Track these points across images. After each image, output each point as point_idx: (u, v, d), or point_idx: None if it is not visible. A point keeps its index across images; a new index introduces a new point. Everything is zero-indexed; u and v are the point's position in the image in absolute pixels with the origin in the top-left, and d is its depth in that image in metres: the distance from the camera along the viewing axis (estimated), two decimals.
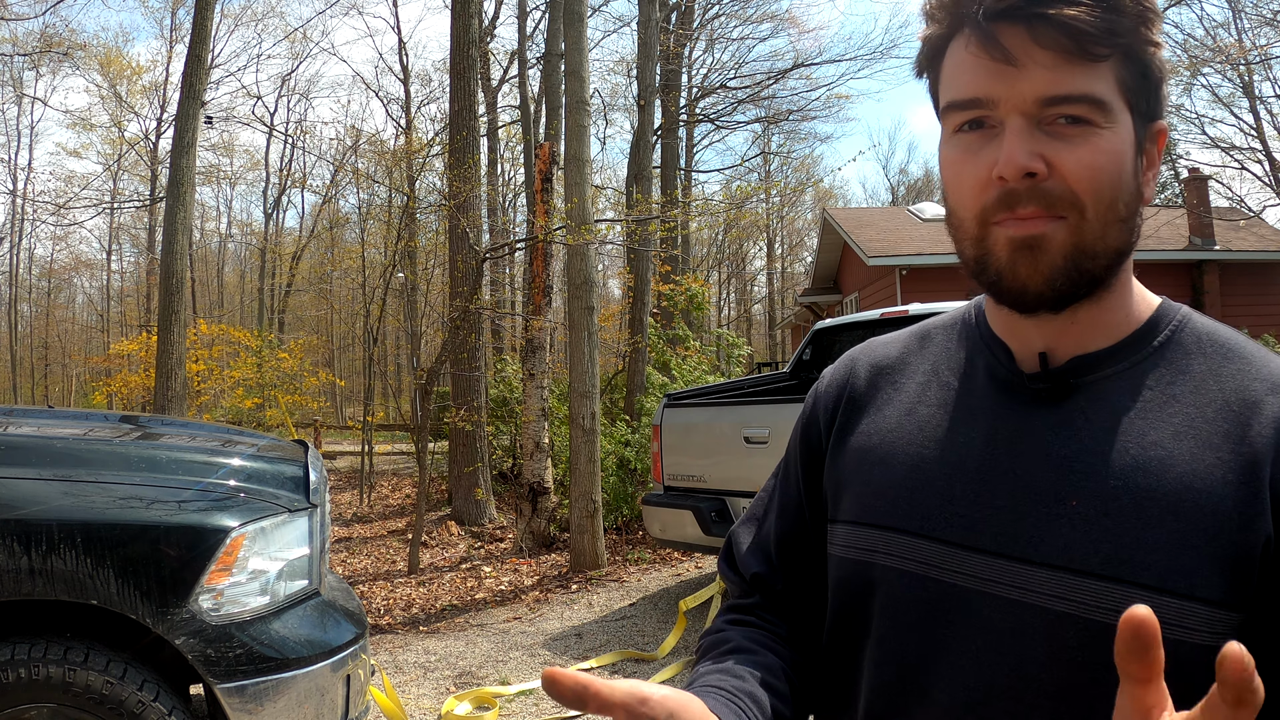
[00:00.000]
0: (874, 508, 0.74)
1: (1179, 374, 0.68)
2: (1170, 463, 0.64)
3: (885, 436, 0.76)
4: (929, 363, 0.79)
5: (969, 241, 0.68)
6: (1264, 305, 15.29)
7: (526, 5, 17.71)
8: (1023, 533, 0.65)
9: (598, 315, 6.96)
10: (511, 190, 23.08)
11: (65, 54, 14.78)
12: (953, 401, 0.74)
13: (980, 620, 0.66)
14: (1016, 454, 0.68)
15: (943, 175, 0.71)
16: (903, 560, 0.70)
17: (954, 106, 0.67)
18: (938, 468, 0.71)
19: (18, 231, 27.57)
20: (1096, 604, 0.62)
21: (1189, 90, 16.14)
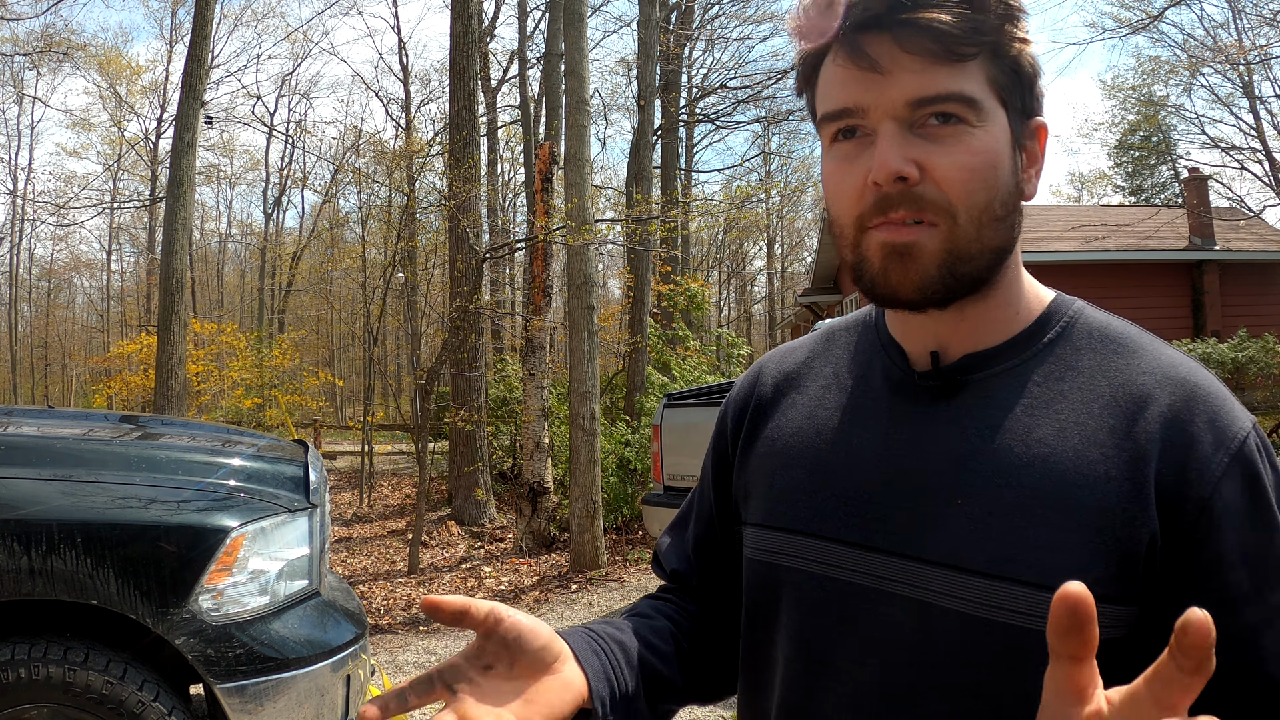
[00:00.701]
0: (778, 511, 0.76)
1: (1068, 370, 0.69)
2: (1054, 460, 0.64)
3: (788, 441, 0.78)
4: (831, 366, 0.80)
5: (848, 247, 0.69)
6: (1264, 305, 15.29)
7: (526, 5, 17.72)
8: (916, 532, 0.67)
9: (598, 315, 6.96)
10: (511, 190, 23.09)
11: (65, 54, 14.79)
12: (851, 404, 0.75)
13: (880, 618, 0.67)
14: (909, 454, 0.69)
15: (823, 186, 0.71)
16: (806, 562, 0.72)
17: (827, 118, 0.68)
18: (836, 469, 0.73)
19: (18, 231, 27.59)
20: (983, 602, 0.63)
21: (1189, 90, 16.16)
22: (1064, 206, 22.64)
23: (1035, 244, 15.39)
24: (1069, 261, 14.85)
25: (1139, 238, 15.55)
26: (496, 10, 18.19)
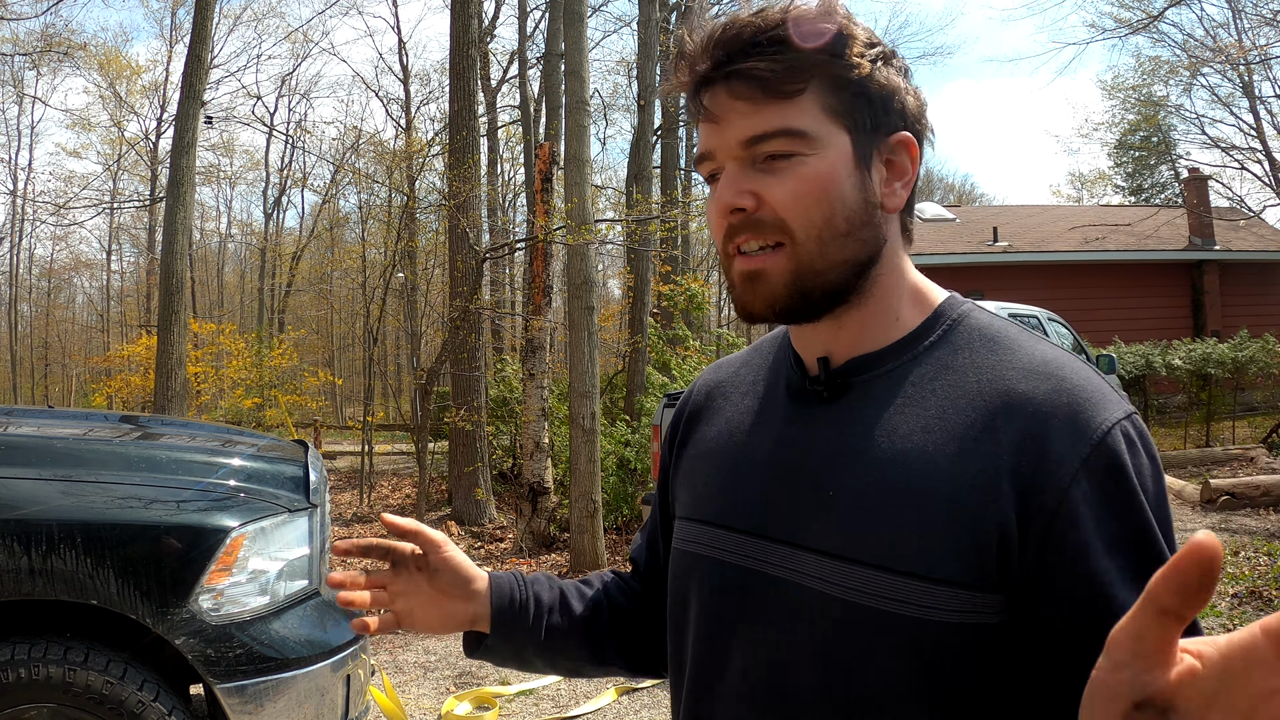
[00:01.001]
0: (697, 505, 0.84)
1: (943, 370, 0.73)
2: (913, 455, 0.69)
3: (710, 444, 0.87)
4: (753, 376, 0.88)
5: (725, 272, 0.78)
6: (1264, 305, 15.29)
7: (526, 5, 17.72)
8: (795, 521, 0.74)
9: (598, 315, 6.96)
10: (511, 190, 23.09)
11: (65, 54, 14.81)
12: (760, 408, 0.84)
13: (767, 599, 0.74)
14: (796, 451, 0.76)
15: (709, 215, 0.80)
16: (710, 549, 0.80)
17: (697, 162, 0.78)
18: (740, 467, 0.81)
19: (18, 231, 27.58)
20: (848, 585, 0.69)
21: (1189, 90, 16.16)
22: (1064, 206, 22.65)
23: (1035, 244, 15.40)
24: (1069, 261, 14.85)
25: (1139, 238, 15.55)
26: (496, 10, 18.20)
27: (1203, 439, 10.93)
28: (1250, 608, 4.34)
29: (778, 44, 0.70)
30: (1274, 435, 9.91)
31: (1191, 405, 11.22)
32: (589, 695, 3.93)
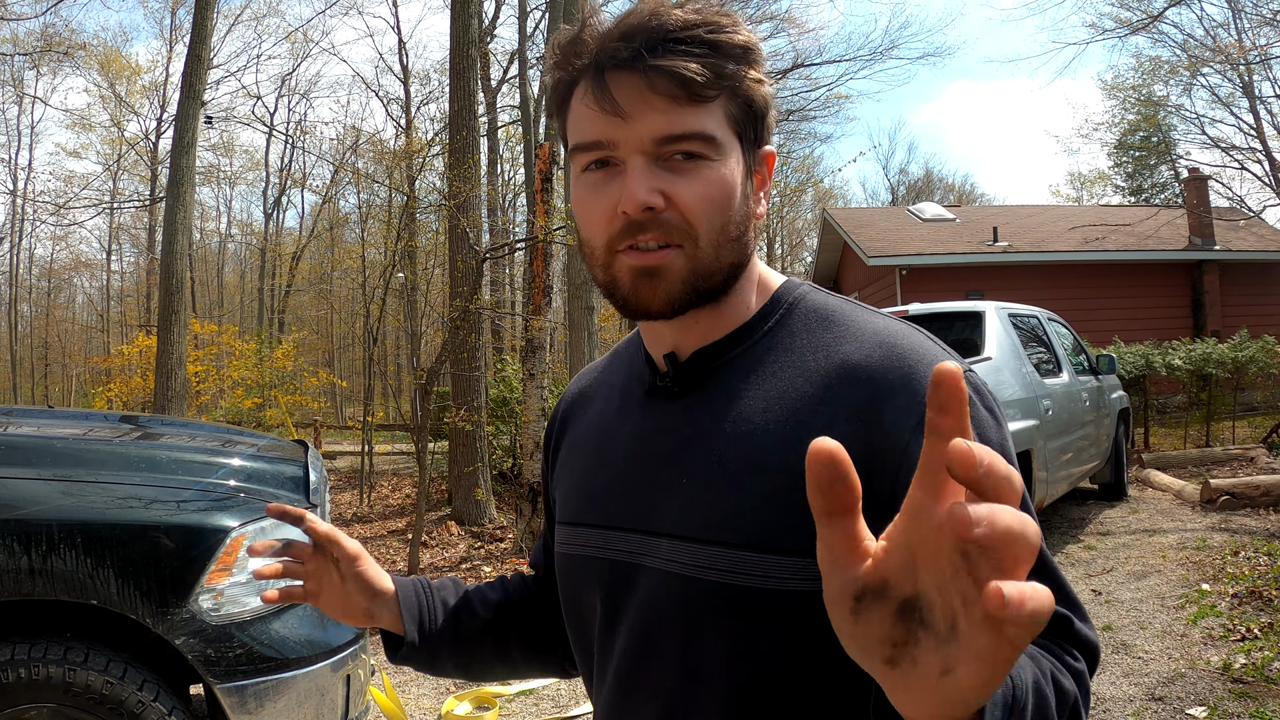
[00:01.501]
0: (568, 508, 0.87)
1: (785, 352, 0.76)
2: (758, 434, 0.72)
3: (576, 449, 0.90)
4: (614, 378, 0.90)
5: (599, 268, 0.75)
6: (1264, 305, 15.28)
7: (526, 5, 17.71)
8: (651, 510, 0.76)
9: (598, 315, 6.97)
10: (511, 190, 23.09)
11: (65, 54, 14.80)
12: (620, 408, 0.85)
13: (635, 585, 0.77)
14: (650, 444, 0.79)
15: (574, 210, 0.77)
16: (582, 547, 0.83)
17: (580, 149, 0.73)
18: (600, 466, 0.84)
19: (18, 231, 27.58)
20: (701, 564, 0.71)
21: (1189, 90, 16.15)
22: (1064, 206, 22.65)
23: (1035, 244, 15.39)
24: (1069, 261, 14.85)
25: (1139, 238, 15.54)
26: (496, 10, 18.20)
27: (1203, 439, 10.93)
28: (1250, 607, 4.34)
29: (703, 46, 0.69)
30: (1274, 435, 9.91)
31: (1191, 405, 11.22)
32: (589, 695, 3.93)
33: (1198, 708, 3.25)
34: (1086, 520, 6.93)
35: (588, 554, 0.82)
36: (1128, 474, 8.14)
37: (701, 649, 0.72)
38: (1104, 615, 4.47)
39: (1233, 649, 3.81)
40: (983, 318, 5.65)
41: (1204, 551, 5.59)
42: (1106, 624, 4.31)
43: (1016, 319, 6.01)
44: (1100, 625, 4.31)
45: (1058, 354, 6.35)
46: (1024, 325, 6.11)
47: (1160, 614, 4.42)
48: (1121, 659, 3.83)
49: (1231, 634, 4.00)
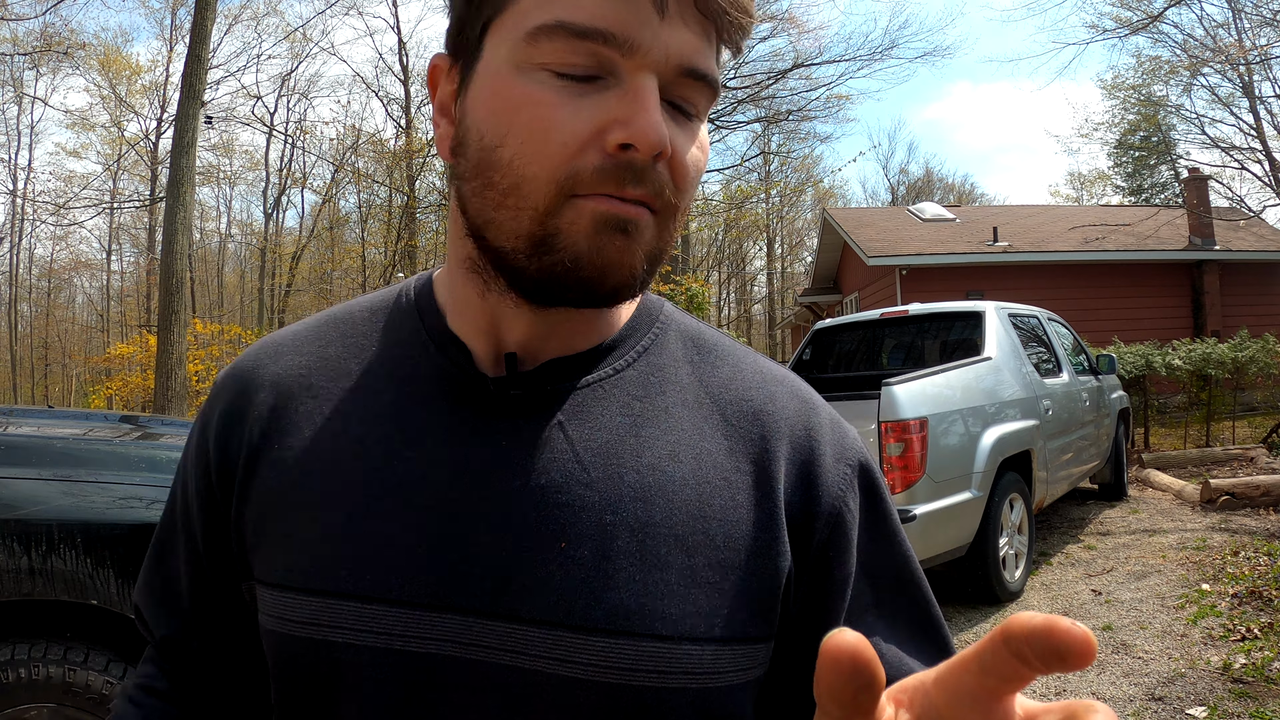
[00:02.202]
0: (307, 568, 0.55)
1: (668, 383, 0.59)
2: (672, 489, 0.55)
3: (309, 469, 0.57)
4: (356, 364, 0.60)
5: (530, 212, 0.51)
6: (1264, 305, 15.29)
7: None
8: (506, 584, 0.53)
9: None
10: None
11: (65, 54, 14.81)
12: (397, 415, 0.57)
13: (470, 693, 0.52)
14: (490, 484, 0.54)
15: (504, 113, 0.51)
16: (359, 634, 0.53)
17: (568, 30, 0.49)
18: (386, 508, 0.55)
19: (18, 231, 27.59)
20: (608, 664, 0.51)
21: (1189, 90, 16.15)
22: (1064, 206, 22.66)
23: (1035, 244, 15.40)
24: (1069, 261, 14.86)
25: (1139, 238, 15.55)
26: None
27: (1203, 439, 10.94)
28: (1250, 607, 4.34)
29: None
30: (1274, 435, 9.91)
31: (1191, 405, 11.22)
32: None
33: (1198, 708, 3.25)
34: (1086, 520, 6.93)
35: (361, 642, 0.53)
36: (1128, 474, 8.14)
37: None
38: (1104, 615, 4.47)
39: (1233, 649, 3.82)
40: (983, 318, 5.65)
41: (1204, 551, 5.59)
42: (1106, 624, 4.32)
43: (1016, 319, 6.01)
44: (1100, 625, 4.31)
45: (1058, 354, 6.35)
46: (1024, 325, 6.11)
47: (1160, 614, 4.42)
48: (1121, 659, 3.83)
49: (1231, 634, 4.00)
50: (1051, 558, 5.76)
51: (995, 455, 4.63)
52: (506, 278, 0.54)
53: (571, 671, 0.51)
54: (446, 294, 0.61)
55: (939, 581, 5.26)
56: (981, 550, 4.60)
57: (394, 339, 0.61)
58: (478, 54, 0.53)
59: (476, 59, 0.53)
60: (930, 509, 4.15)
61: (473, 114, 0.53)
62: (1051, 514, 7.21)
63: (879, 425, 4.17)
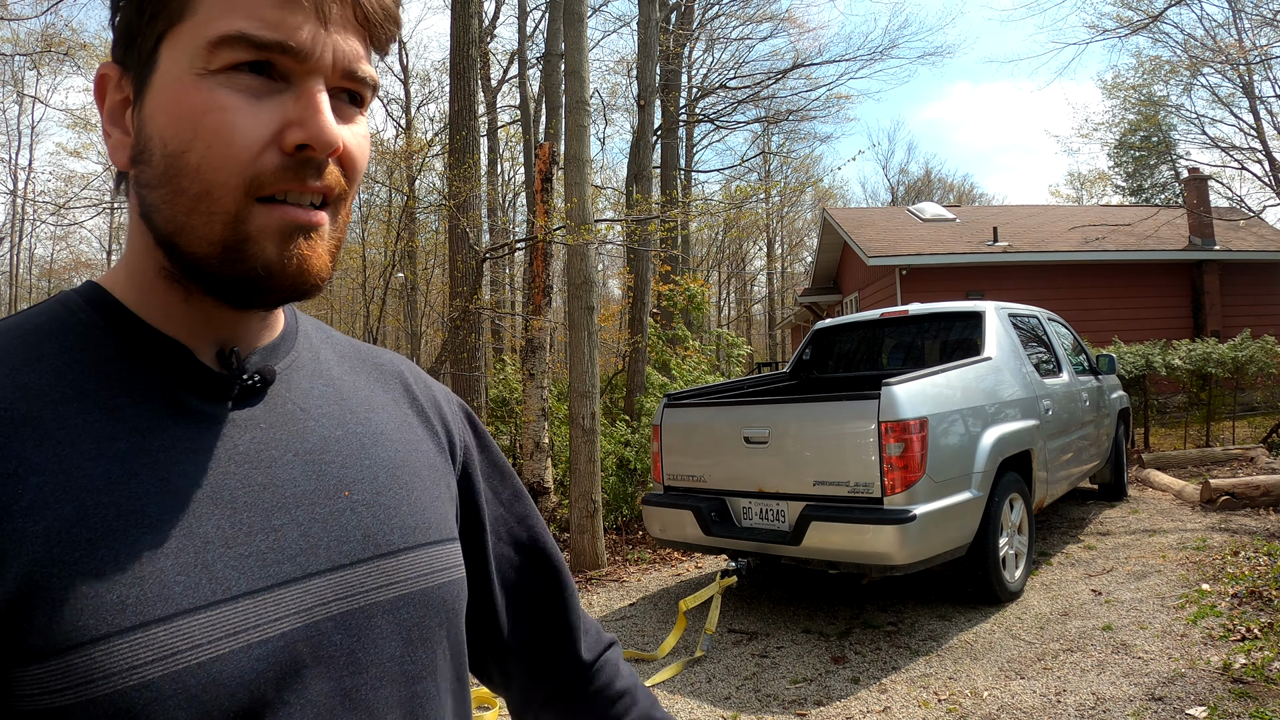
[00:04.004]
0: (151, 597, 0.51)
1: (333, 355, 0.73)
2: (388, 434, 0.69)
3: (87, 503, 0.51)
4: (66, 388, 0.55)
5: (222, 216, 0.54)
6: (1264, 305, 15.29)
7: (526, 5, 17.72)
8: (321, 542, 0.59)
9: (598, 315, 6.96)
10: (511, 190, 23.09)
11: (66, 54, 14.81)
12: (148, 429, 0.56)
13: (372, 631, 0.60)
14: (262, 463, 0.59)
15: (188, 119, 0.53)
16: (204, 647, 0.51)
17: (248, 41, 0.53)
18: (188, 515, 0.54)
19: (18, 231, 27.59)
20: (417, 574, 0.64)
21: (1189, 90, 16.14)
22: (1064, 206, 22.65)
23: (1035, 244, 15.40)
24: (1069, 261, 14.85)
25: (1139, 238, 15.55)
26: (496, 10, 18.19)
27: (1203, 439, 10.93)
28: (1250, 607, 4.34)
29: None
30: (1274, 435, 9.91)
31: (1191, 405, 11.22)
32: None
33: (1198, 708, 3.25)
34: (1086, 520, 6.93)
35: (220, 654, 0.52)
36: (1128, 474, 8.14)
37: (435, 662, 0.65)
38: (1104, 615, 4.47)
39: (1233, 649, 3.81)
40: (983, 318, 5.65)
41: (1204, 551, 5.59)
42: (1106, 624, 4.32)
43: (1016, 319, 6.01)
44: (1100, 625, 4.32)
45: (1058, 354, 6.35)
46: (1024, 325, 6.11)
47: (1160, 614, 4.42)
48: (1121, 659, 3.83)
49: (1231, 634, 4.00)
50: (1051, 558, 5.76)
51: (995, 455, 4.63)
52: (204, 285, 0.58)
53: (397, 590, 0.62)
54: (141, 300, 0.60)
55: (939, 581, 5.27)
56: (981, 550, 4.60)
57: (99, 355, 0.57)
58: (153, 63, 0.56)
59: (152, 68, 0.56)
60: (930, 509, 4.15)
61: (154, 122, 0.55)
62: (1051, 514, 7.21)
63: (879, 425, 4.17)
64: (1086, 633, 4.22)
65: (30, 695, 0.48)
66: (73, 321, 0.59)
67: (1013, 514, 4.94)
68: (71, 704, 0.48)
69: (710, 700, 3.76)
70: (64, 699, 0.48)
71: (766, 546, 4.56)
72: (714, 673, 4.10)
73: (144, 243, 0.59)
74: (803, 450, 4.51)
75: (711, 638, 4.50)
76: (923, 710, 3.48)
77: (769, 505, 4.64)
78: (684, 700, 3.78)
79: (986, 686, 3.66)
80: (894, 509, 4.11)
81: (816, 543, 4.29)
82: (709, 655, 4.34)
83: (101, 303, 0.60)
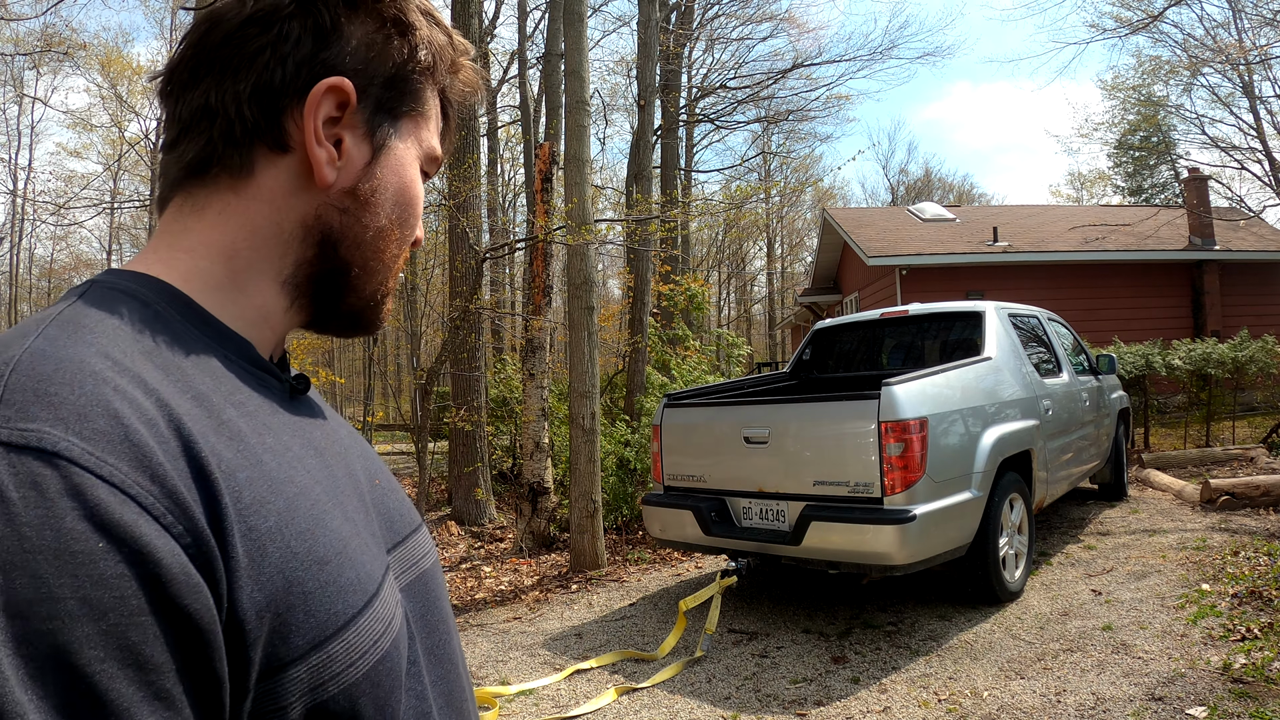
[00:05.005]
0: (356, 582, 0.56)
1: None
2: (360, 437, 0.77)
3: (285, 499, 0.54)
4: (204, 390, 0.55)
5: (387, 269, 0.69)
6: (1264, 305, 15.29)
7: (526, 5, 17.71)
8: (390, 518, 0.70)
9: (598, 315, 6.96)
10: (511, 190, 23.09)
11: (65, 54, 14.81)
12: (270, 429, 0.58)
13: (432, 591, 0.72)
14: (336, 456, 0.65)
15: (410, 205, 0.69)
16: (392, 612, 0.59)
17: (436, 163, 0.72)
18: (334, 501, 0.59)
19: (18, 231, 27.58)
20: (429, 547, 0.75)
21: (1189, 90, 16.14)
22: (1064, 206, 22.65)
23: (1035, 244, 15.39)
24: (1069, 261, 14.85)
25: (1139, 238, 15.55)
26: (496, 10, 18.18)
27: (1203, 439, 10.93)
28: (1250, 608, 4.34)
29: None
30: (1274, 435, 9.91)
31: (1191, 405, 11.22)
32: (589, 695, 3.93)
33: (1198, 708, 3.25)
34: (1086, 520, 6.93)
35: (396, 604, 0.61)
36: (1128, 474, 8.14)
37: (452, 617, 0.75)
38: (1104, 615, 4.47)
39: (1233, 649, 3.81)
40: (983, 318, 5.65)
41: (1204, 551, 5.59)
42: (1106, 624, 4.32)
43: (1016, 319, 6.01)
44: (1100, 625, 4.32)
45: (1058, 354, 6.35)
46: (1024, 325, 6.11)
47: (1160, 614, 4.42)
48: (1121, 659, 3.83)
49: (1231, 634, 4.00)
50: (1051, 558, 5.76)
51: (995, 455, 4.63)
52: (327, 309, 0.67)
53: (428, 561, 0.73)
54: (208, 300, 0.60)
55: (939, 581, 5.26)
56: (981, 550, 4.60)
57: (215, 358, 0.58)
58: (392, 132, 0.66)
59: (393, 132, 0.66)
60: (930, 509, 4.14)
61: (387, 182, 0.66)
62: (1051, 514, 7.21)
63: (879, 425, 4.17)
64: (1086, 633, 4.22)
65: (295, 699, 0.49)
66: (162, 316, 0.57)
67: (1013, 514, 4.94)
68: (334, 694, 0.51)
69: (710, 700, 3.76)
70: (328, 690, 0.51)
71: (766, 546, 4.56)
72: (714, 673, 4.10)
73: (288, 249, 0.63)
74: (803, 450, 4.51)
75: (711, 638, 4.50)
76: (923, 710, 3.48)
77: (769, 505, 4.64)
78: (684, 700, 3.78)
79: (986, 686, 3.66)
80: (894, 509, 4.11)
81: (816, 543, 4.29)
82: (709, 655, 4.34)
83: (173, 297, 0.58)
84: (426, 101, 0.69)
